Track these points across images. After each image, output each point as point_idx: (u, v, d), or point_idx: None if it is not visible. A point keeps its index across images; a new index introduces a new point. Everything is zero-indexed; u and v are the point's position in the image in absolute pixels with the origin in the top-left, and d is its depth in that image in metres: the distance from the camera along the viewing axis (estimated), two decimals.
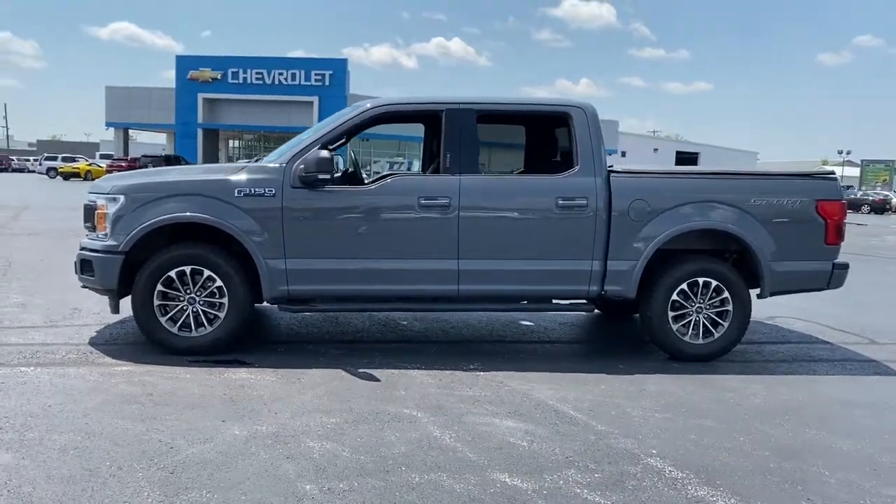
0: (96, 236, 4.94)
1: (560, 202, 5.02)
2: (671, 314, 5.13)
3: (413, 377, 4.57)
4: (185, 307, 4.84)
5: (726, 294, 5.14)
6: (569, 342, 6.06)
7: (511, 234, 5.06)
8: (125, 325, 5.56)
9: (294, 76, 49.04)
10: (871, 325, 6.81)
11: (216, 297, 4.84)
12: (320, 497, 2.89)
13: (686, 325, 5.17)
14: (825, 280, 5.33)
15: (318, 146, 4.93)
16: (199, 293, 4.83)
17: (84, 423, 3.58)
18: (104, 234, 4.86)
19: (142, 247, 4.80)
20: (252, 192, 4.81)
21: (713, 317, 5.18)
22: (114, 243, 4.78)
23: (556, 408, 4.10)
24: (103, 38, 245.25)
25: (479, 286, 5.07)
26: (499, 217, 5.07)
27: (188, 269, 4.79)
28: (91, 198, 5.07)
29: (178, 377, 4.39)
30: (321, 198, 4.89)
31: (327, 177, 4.78)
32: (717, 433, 3.80)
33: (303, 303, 5.05)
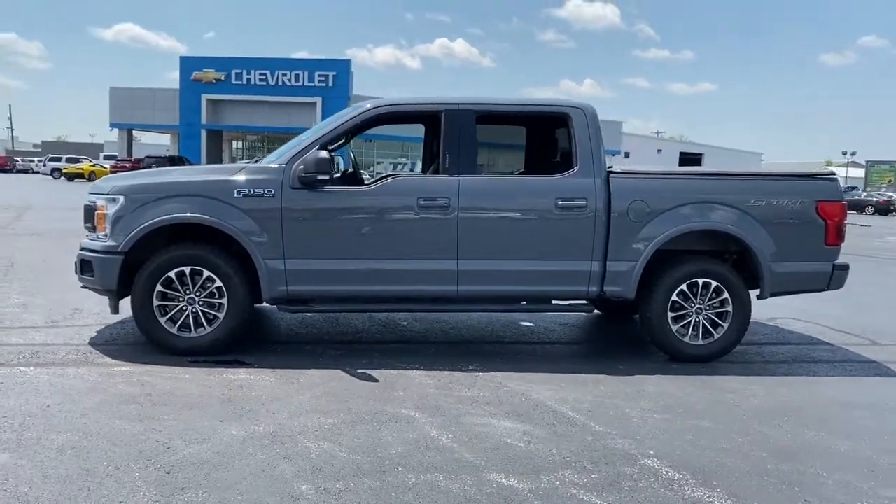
0: (96, 237, 4.95)
1: (559, 203, 5.02)
2: (671, 315, 5.12)
3: (412, 378, 4.57)
4: (184, 308, 4.85)
5: (726, 295, 5.13)
6: (568, 343, 6.05)
7: (510, 234, 5.05)
8: (125, 326, 5.57)
9: (297, 77, 49.09)
10: (873, 326, 6.79)
11: (215, 297, 4.85)
12: (316, 497, 2.90)
13: (686, 325, 5.17)
14: (825, 281, 5.32)
15: (317, 147, 4.94)
16: (198, 294, 4.84)
17: (82, 422, 3.59)
18: (104, 235, 4.87)
19: (141, 247, 4.81)
20: (251, 193, 4.82)
21: (713, 318, 5.17)
22: (113, 244, 4.80)
23: (554, 408, 4.09)
24: (108, 39, 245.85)
25: (478, 287, 5.07)
26: (498, 217, 5.06)
27: (188, 270, 4.80)
28: (91, 198, 5.08)
29: (177, 377, 4.40)
30: (320, 198, 4.89)
31: (326, 177, 4.79)
32: (715, 434, 3.79)
33: (302, 303, 5.06)
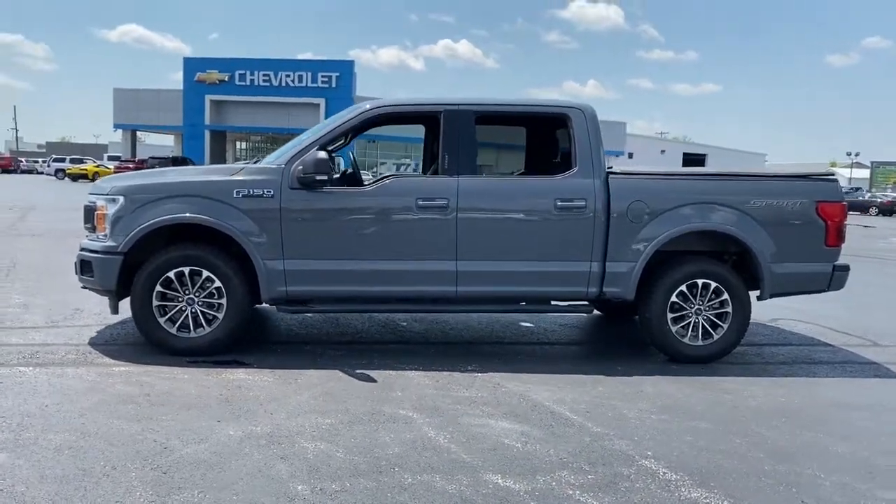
0: (96, 237, 4.97)
1: (558, 203, 5.01)
2: (670, 316, 5.12)
3: (410, 378, 4.58)
4: (183, 308, 4.86)
5: (726, 296, 5.12)
6: (568, 344, 6.05)
7: (509, 235, 5.05)
8: (125, 326, 5.58)
9: (301, 78, 49.16)
10: (874, 327, 6.77)
11: (215, 297, 4.86)
12: (312, 497, 2.90)
13: (685, 326, 5.16)
14: (825, 282, 5.31)
15: (316, 147, 4.94)
16: (197, 294, 4.85)
17: (80, 422, 3.60)
18: (104, 235, 4.88)
19: (141, 248, 4.82)
20: (251, 193, 4.82)
21: (712, 318, 5.16)
22: (113, 244, 4.81)
23: (552, 409, 4.09)
24: (112, 40, 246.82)
25: (477, 287, 5.07)
26: (497, 218, 5.06)
27: (187, 270, 4.81)
28: (91, 199, 5.09)
29: (176, 377, 4.41)
30: (319, 199, 4.90)
31: (325, 178, 4.80)
32: (713, 435, 3.78)
33: (301, 304, 5.06)
